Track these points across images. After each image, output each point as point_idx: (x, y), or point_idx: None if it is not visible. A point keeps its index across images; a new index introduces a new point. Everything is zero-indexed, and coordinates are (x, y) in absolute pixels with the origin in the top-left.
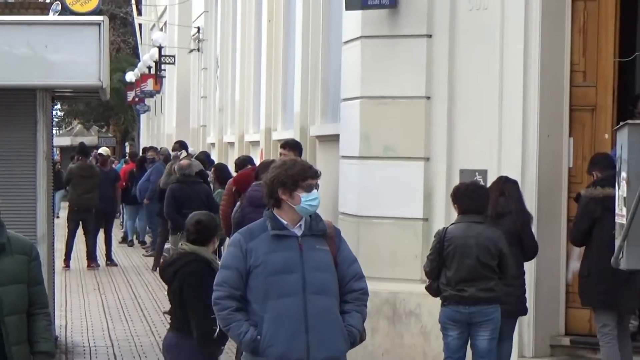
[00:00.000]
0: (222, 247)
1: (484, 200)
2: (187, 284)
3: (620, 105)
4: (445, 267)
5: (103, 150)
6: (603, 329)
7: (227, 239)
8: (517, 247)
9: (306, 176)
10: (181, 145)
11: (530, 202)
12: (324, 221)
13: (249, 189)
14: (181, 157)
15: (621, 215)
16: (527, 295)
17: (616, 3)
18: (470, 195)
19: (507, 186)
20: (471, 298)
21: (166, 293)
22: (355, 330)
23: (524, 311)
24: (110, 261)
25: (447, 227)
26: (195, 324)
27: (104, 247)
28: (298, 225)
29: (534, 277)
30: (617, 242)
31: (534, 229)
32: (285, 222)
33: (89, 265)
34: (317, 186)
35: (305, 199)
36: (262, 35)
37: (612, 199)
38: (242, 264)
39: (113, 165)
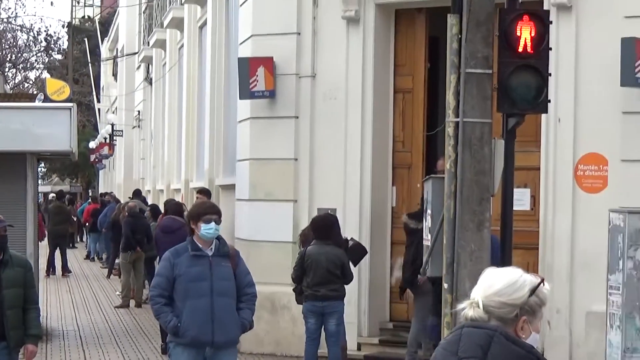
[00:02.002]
0: (155, 262)
1: (331, 230)
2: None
3: (427, 164)
4: (305, 275)
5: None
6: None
7: (158, 256)
8: None
9: (205, 212)
10: (134, 193)
11: (366, 230)
12: (228, 246)
13: (161, 221)
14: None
15: (427, 239)
16: (363, 293)
17: (424, 95)
18: (325, 224)
19: (335, 220)
20: (323, 296)
21: (117, 293)
22: (247, 321)
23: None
24: (66, 270)
25: (307, 248)
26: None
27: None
28: (210, 248)
29: (368, 281)
30: (425, 258)
31: (368, 248)
32: (200, 246)
33: (63, 274)
34: (217, 220)
35: (203, 228)
36: (183, 115)
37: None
38: (170, 273)
39: (78, 205)
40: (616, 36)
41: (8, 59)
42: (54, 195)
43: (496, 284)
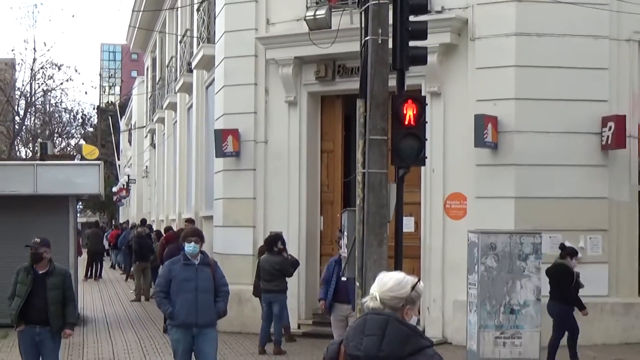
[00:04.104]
0: (158, 269)
1: (274, 244)
2: (555, 276)
3: (344, 201)
4: (259, 275)
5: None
6: None
7: (160, 265)
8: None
9: (186, 236)
10: (142, 222)
11: (303, 246)
12: (209, 258)
13: (175, 242)
14: (138, 228)
15: (344, 252)
16: (301, 289)
17: (341, 154)
18: (271, 241)
19: (278, 237)
20: (269, 289)
21: (131, 292)
22: (220, 310)
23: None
24: (100, 276)
25: (261, 257)
26: (568, 296)
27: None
28: (196, 259)
29: (305, 281)
30: (343, 265)
31: (302, 262)
32: (190, 255)
33: (95, 279)
34: (197, 241)
35: (186, 246)
36: (177, 169)
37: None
38: (168, 276)
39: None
40: (471, 113)
41: (55, 131)
42: (95, 223)
43: (388, 283)
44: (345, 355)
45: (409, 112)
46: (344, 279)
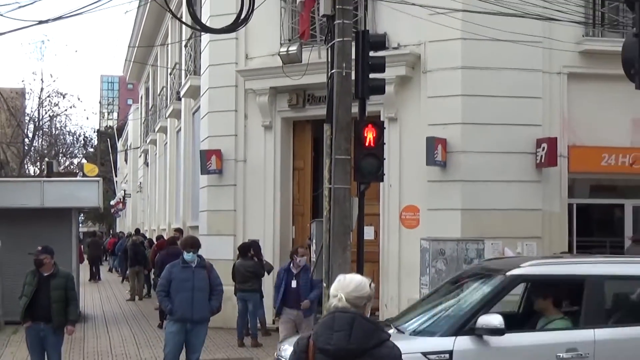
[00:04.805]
0: (150, 272)
1: (248, 251)
2: None
3: (313, 212)
4: (235, 277)
5: (98, 237)
6: None
7: (152, 269)
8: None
9: (187, 246)
10: (136, 231)
11: (277, 252)
12: (205, 261)
13: (169, 249)
14: (133, 237)
15: (314, 257)
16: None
17: (311, 171)
18: (244, 248)
19: (254, 244)
20: (244, 289)
21: (127, 292)
22: (214, 307)
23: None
24: (99, 278)
25: (236, 261)
26: None
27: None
28: (193, 262)
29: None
30: (312, 268)
31: (276, 265)
32: (188, 261)
33: (95, 281)
34: (195, 251)
35: (185, 254)
36: (167, 185)
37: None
38: (169, 277)
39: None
40: (423, 136)
41: (60, 152)
42: (93, 233)
43: (350, 285)
44: (314, 348)
45: (369, 135)
46: (294, 285)
